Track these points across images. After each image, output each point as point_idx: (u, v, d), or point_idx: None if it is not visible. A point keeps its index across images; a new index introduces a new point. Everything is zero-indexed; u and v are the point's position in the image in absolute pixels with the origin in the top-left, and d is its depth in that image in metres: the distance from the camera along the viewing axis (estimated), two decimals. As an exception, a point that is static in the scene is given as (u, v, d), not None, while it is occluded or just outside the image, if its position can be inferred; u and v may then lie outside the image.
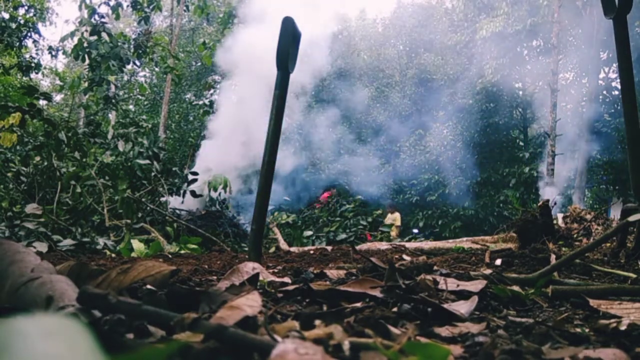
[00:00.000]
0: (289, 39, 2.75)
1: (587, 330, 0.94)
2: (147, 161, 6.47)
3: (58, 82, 21.56)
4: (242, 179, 11.17)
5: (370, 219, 11.20)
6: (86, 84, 9.46)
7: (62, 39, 10.60)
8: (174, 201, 7.50)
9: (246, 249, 5.68)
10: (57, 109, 21.59)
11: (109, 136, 9.29)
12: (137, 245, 4.58)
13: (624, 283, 1.79)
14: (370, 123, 22.00)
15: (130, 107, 23.14)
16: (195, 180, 7.28)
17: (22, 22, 11.76)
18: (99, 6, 9.68)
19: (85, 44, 8.93)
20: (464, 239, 6.47)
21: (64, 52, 13.84)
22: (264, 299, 1.05)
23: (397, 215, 12.97)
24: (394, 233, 12.04)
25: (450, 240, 6.45)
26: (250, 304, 0.79)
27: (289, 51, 2.75)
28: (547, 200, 4.38)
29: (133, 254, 4.31)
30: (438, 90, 21.38)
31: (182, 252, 4.76)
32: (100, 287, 0.95)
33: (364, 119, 21.98)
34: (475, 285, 1.29)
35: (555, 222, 5.08)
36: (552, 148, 15.77)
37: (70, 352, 0.35)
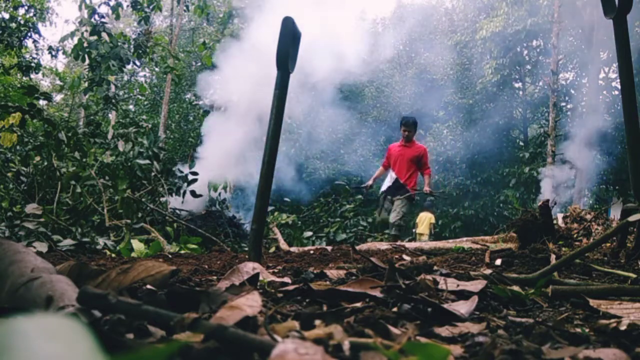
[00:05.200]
0: (289, 39, 2.75)
1: (587, 330, 0.94)
2: (147, 161, 6.46)
3: (58, 82, 21.55)
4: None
5: (370, 219, 11.19)
6: (86, 84, 9.46)
7: (62, 39, 10.58)
8: (174, 201, 7.50)
9: (246, 249, 5.68)
10: (57, 109, 21.59)
11: (109, 136, 9.29)
12: (137, 245, 4.58)
13: (624, 283, 1.79)
14: (371, 123, 22.00)
15: (130, 107, 23.15)
16: (195, 180, 7.28)
17: (22, 22, 11.76)
18: (99, 6, 9.67)
19: (85, 44, 8.92)
20: (464, 239, 6.47)
21: (64, 52, 13.85)
22: (264, 299, 1.05)
23: (421, 214, 13.37)
24: (426, 231, 12.90)
25: (450, 240, 6.45)
26: (250, 304, 0.79)
27: (289, 51, 2.75)
28: (547, 200, 4.38)
29: (133, 254, 4.31)
30: (438, 90, 21.40)
31: (182, 252, 4.76)
32: (100, 287, 0.95)
33: (364, 119, 21.98)
34: (475, 285, 1.29)
35: (555, 222, 5.08)
36: (552, 148, 15.77)
37: (70, 352, 0.35)
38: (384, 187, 6.81)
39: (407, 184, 6.56)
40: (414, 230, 14.72)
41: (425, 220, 13.19)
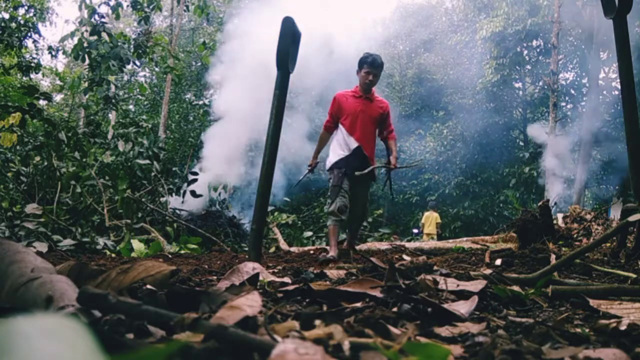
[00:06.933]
0: (289, 39, 2.75)
1: (587, 330, 0.94)
2: (147, 161, 6.47)
3: (58, 82, 21.55)
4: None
5: (370, 219, 11.20)
6: (86, 84, 9.46)
7: (62, 39, 10.57)
8: (174, 201, 7.51)
9: (246, 249, 5.68)
10: (57, 109, 21.58)
11: (109, 136, 9.29)
12: (137, 245, 4.58)
13: (624, 283, 1.79)
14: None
15: (130, 107, 23.13)
16: (195, 180, 7.28)
17: (22, 22, 11.75)
18: (99, 6, 9.65)
19: (85, 44, 8.91)
20: (464, 239, 6.48)
21: (64, 52, 13.84)
22: (264, 299, 1.05)
23: (427, 214, 13.33)
24: (434, 231, 12.70)
25: (450, 240, 6.45)
26: (250, 304, 0.79)
27: (289, 51, 2.75)
28: (547, 200, 4.39)
29: (133, 254, 4.31)
30: (438, 90, 21.40)
31: (182, 252, 4.77)
32: (100, 287, 0.95)
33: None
34: (475, 285, 1.29)
35: (555, 222, 5.08)
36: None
37: (70, 352, 0.35)
38: (334, 157, 4.48)
39: (370, 155, 4.48)
40: (418, 230, 14.67)
41: (432, 219, 13.11)
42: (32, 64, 11.72)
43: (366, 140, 4.42)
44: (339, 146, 4.46)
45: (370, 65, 4.41)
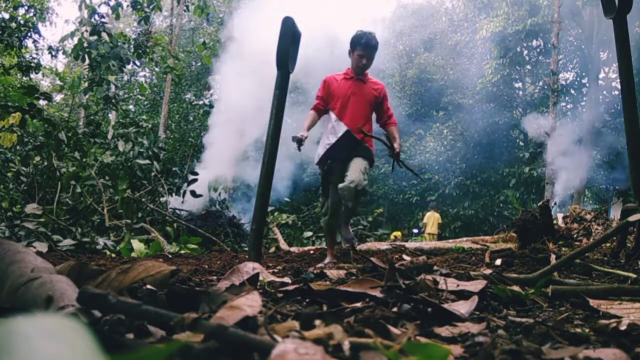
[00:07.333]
0: (289, 39, 2.75)
1: (587, 330, 0.94)
2: (147, 161, 6.47)
3: (58, 82, 21.53)
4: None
5: (370, 219, 11.20)
6: (86, 84, 9.45)
7: (62, 39, 10.57)
8: (174, 201, 7.51)
9: (246, 249, 5.69)
10: (57, 109, 21.57)
11: (109, 136, 9.29)
12: (137, 245, 4.58)
13: (624, 283, 1.79)
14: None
15: (130, 107, 23.13)
16: (195, 180, 7.28)
17: (22, 22, 11.74)
18: (99, 6, 9.65)
19: (85, 44, 8.91)
20: (464, 239, 6.48)
21: (64, 52, 13.83)
22: (264, 299, 1.05)
23: (428, 214, 13.36)
24: (436, 231, 12.76)
25: (450, 240, 6.45)
26: (250, 304, 0.79)
27: (289, 51, 2.75)
28: (547, 200, 4.39)
29: (133, 254, 4.31)
30: (438, 90, 21.40)
31: (182, 252, 4.77)
32: (100, 287, 0.95)
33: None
34: (475, 285, 1.29)
35: (555, 222, 5.09)
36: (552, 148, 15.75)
37: (70, 352, 0.35)
38: (321, 149, 4.09)
39: (363, 140, 3.99)
40: (418, 230, 14.67)
41: (433, 220, 13.14)
42: (32, 64, 11.71)
43: (359, 124, 3.93)
44: (326, 135, 4.07)
45: (364, 48, 4.00)
